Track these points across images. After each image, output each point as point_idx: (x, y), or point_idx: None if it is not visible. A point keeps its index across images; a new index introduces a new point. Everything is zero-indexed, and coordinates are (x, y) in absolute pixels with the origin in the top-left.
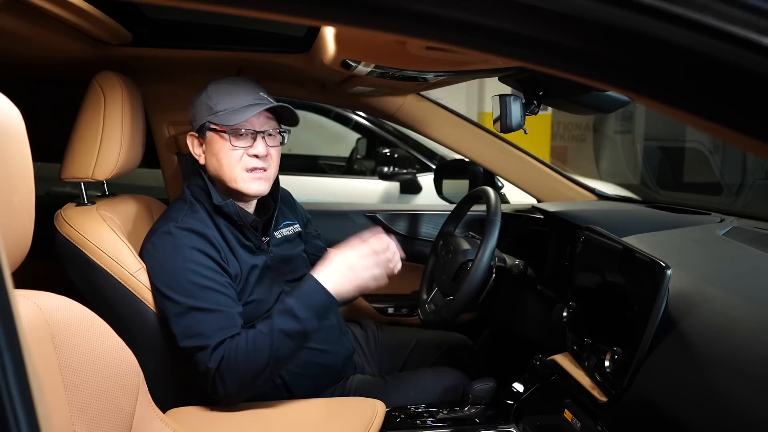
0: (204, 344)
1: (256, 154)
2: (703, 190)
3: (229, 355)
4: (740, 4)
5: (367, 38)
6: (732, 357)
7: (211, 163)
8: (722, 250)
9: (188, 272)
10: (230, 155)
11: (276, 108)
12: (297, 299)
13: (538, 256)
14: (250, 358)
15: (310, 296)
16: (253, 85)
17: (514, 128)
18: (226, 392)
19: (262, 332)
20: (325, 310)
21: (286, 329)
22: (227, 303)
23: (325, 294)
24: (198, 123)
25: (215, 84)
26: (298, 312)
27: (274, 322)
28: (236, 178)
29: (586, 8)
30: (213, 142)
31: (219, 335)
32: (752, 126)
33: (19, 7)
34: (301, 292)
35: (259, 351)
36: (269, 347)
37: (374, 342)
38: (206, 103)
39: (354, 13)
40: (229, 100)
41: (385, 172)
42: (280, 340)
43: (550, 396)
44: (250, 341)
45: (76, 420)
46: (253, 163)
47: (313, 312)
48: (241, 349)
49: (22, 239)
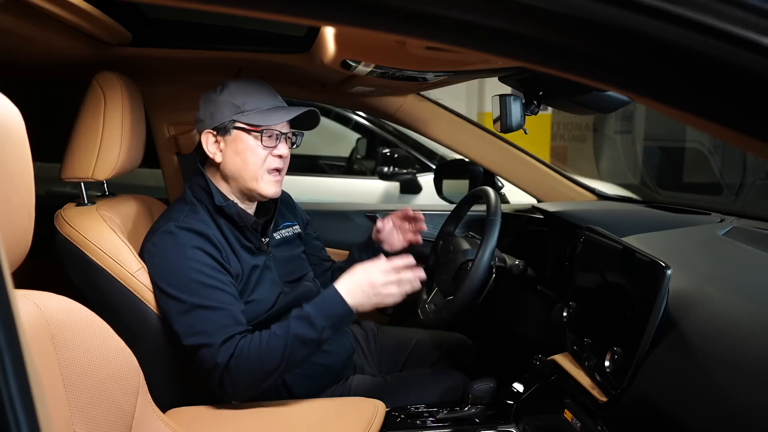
0: (209, 342)
1: (281, 154)
2: (703, 190)
3: (240, 353)
4: (740, 4)
5: (367, 38)
6: (732, 357)
7: (233, 162)
8: (722, 250)
9: (190, 270)
10: (257, 155)
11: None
12: (316, 307)
13: (538, 256)
14: (263, 358)
15: (330, 306)
16: (268, 86)
17: (514, 128)
18: (234, 389)
19: (277, 335)
20: (342, 321)
21: (301, 335)
22: (230, 301)
23: (344, 306)
24: (218, 121)
25: (236, 83)
26: (315, 320)
27: (290, 327)
28: (258, 178)
29: (586, 8)
30: (239, 140)
31: (223, 333)
32: (752, 126)
33: (19, 7)
34: (322, 301)
35: (272, 352)
36: (283, 350)
37: (374, 342)
38: (231, 102)
39: (354, 13)
40: (256, 100)
41: (385, 172)
42: (294, 345)
43: (550, 396)
44: (264, 342)
45: (76, 420)
46: (275, 164)
47: (329, 322)
48: (254, 348)
49: (22, 239)
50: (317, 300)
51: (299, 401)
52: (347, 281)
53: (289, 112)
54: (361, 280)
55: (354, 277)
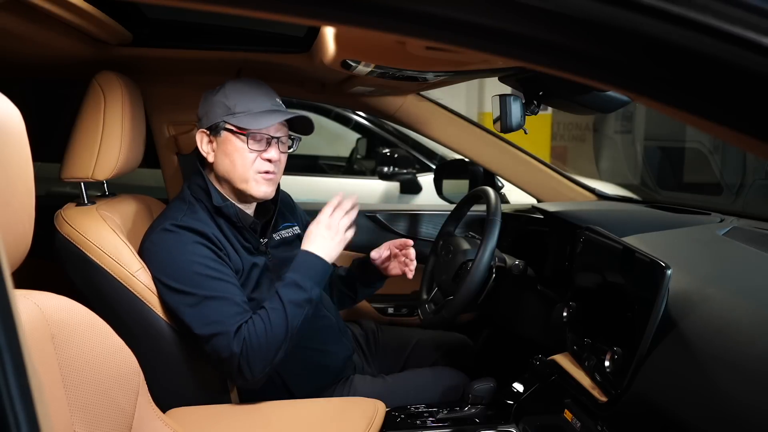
0: (224, 330)
1: (270, 158)
2: (703, 190)
3: (250, 338)
4: (740, 4)
5: (367, 38)
6: (732, 356)
7: (223, 163)
8: (722, 250)
9: (193, 264)
10: (245, 157)
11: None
12: (296, 272)
13: (538, 256)
14: (269, 335)
15: (308, 267)
16: (269, 89)
17: (514, 128)
18: (253, 373)
19: (275, 308)
20: (323, 275)
21: (294, 299)
22: (234, 291)
23: (319, 261)
24: (211, 121)
25: (233, 84)
26: (301, 283)
27: (282, 296)
28: (247, 180)
29: (586, 8)
30: (227, 142)
31: (236, 320)
32: (752, 126)
33: (19, 7)
34: (298, 265)
35: (276, 326)
36: (285, 320)
37: (374, 342)
38: (223, 102)
39: (354, 13)
40: (248, 102)
41: (385, 172)
42: (292, 311)
43: (550, 396)
44: (266, 319)
45: (76, 420)
46: (265, 167)
47: (314, 280)
48: (260, 329)
49: (22, 239)
50: (294, 266)
51: (299, 401)
52: (310, 240)
53: (278, 116)
54: (320, 232)
55: (312, 233)
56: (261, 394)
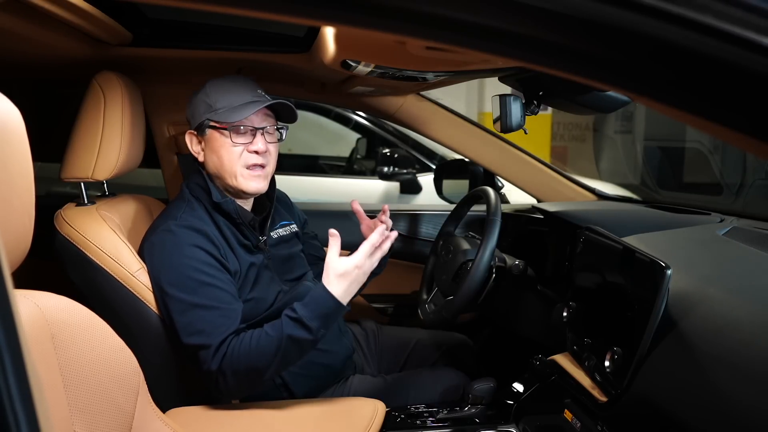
0: (206, 342)
1: (256, 150)
2: (703, 190)
3: (231, 354)
4: (740, 4)
5: (367, 38)
6: (732, 357)
7: (211, 161)
8: (722, 250)
9: (189, 269)
10: (230, 152)
11: (274, 105)
12: (307, 308)
13: (538, 256)
14: (252, 357)
15: (321, 306)
16: (250, 82)
17: (514, 128)
18: (228, 388)
19: (269, 335)
20: (334, 317)
21: (295, 336)
22: (228, 300)
23: (334, 302)
24: (196, 121)
25: (213, 82)
26: (308, 322)
27: (283, 328)
28: (236, 174)
29: (586, 8)
30: (213, 139)
31: (220, 333)
32: (752, 126)
33: (19, 7)
34: (312, 301)
35: (262, 352)
36: (275, 350)
37: (374, 342)
38: (205, 101)
39: (354, 13)
40: (228, 97)
41: (385, 172)
42: (288, 346)
43: (550, 396)
44: (254, 342)
45: (76, 420)
46: (253, 160)
47: (322, 321)
48: (245, 348)
49: (22, 239)
50: (307, 300)
51: (299, 401)
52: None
53: (256, 105)
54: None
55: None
56: (261, 394)
